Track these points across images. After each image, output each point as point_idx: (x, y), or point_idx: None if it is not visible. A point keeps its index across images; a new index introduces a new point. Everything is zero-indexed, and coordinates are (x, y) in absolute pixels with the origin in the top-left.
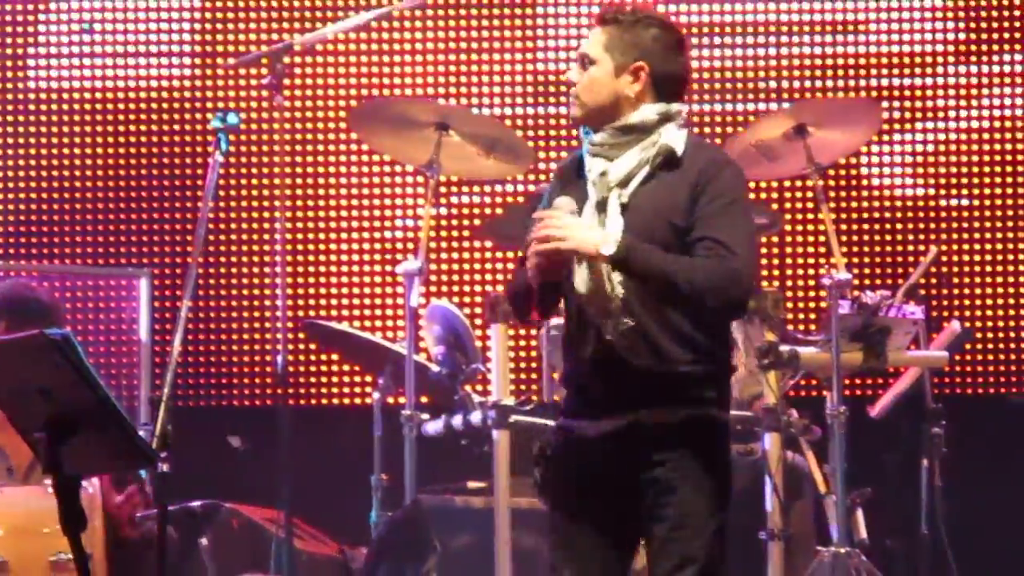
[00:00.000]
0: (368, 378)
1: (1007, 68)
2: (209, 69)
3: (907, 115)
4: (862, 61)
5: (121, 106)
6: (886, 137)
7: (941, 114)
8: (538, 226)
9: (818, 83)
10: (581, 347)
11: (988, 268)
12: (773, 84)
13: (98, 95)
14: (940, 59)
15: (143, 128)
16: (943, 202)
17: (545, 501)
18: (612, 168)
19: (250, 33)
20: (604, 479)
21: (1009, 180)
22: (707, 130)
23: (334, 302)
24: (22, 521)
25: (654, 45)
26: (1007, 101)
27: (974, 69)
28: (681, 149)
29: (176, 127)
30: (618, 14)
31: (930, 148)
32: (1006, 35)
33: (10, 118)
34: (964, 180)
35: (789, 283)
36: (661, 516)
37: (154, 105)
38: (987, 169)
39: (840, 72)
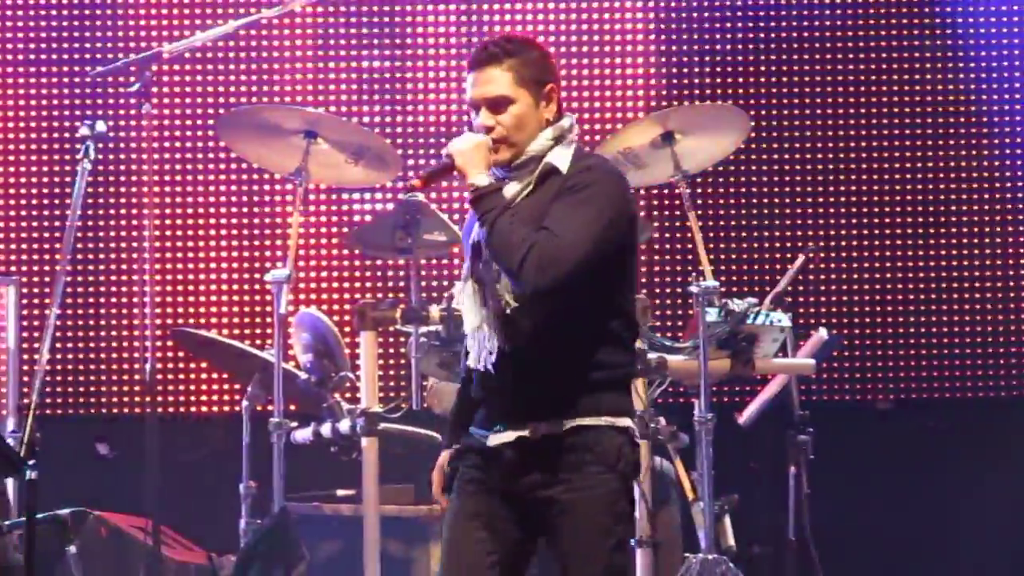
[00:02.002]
0: (237, 386)
1: (872, 67)
2: (77, 77)
3: (774, 122)
4: (729, 68)
5: None
6: (753, 144)
7: (808, 121)
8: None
9: (684, 90)
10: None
11: (855, 275)
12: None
13: None
14: (807, 62)
15: (11, 136)
16: (810, 209)
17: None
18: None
19: (118, 41)
20: (499, 491)
21: (875, 187)
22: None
23: (203, 310)
24: None
25: (547, 63)
26: (872, 108)
27: (841, 72)
28: (565, 166)
29: (44, 135)
30: (506, 47)
31: (796, 155)
32: (872, 32)
33: None
34: (831, 188)
35: (657, 291)
36: (556, 541)
37: (22, 113)
38: (853, 176)
39: (707, 79)
